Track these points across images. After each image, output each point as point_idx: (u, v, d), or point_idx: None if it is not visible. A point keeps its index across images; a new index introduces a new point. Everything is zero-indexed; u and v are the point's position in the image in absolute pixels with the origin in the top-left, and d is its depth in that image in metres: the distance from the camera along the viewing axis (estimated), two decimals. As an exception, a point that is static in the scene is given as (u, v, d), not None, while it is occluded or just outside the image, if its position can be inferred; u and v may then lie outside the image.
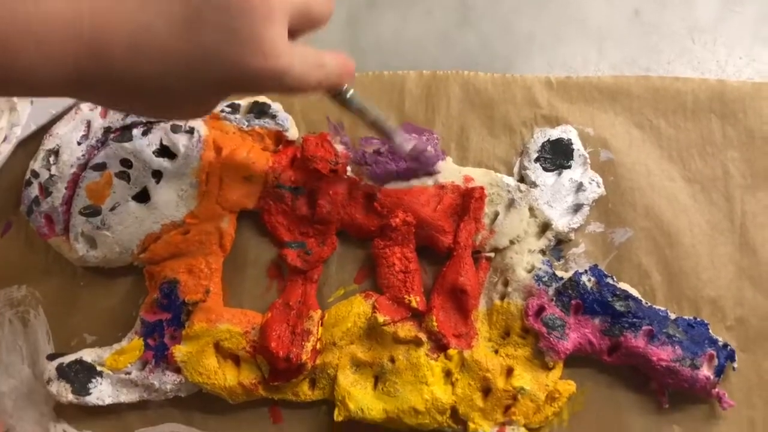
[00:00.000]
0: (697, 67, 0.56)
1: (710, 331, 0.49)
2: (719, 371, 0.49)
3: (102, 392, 0.50)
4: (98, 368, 0.50)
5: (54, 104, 0.54)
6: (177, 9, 0.34)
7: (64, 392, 0.50)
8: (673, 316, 0.49)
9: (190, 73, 0.35)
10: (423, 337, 0.50)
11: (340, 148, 0.52)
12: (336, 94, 0.44)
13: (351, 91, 0.45)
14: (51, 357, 0.51)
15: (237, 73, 0.36)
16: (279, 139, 0.53)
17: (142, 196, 0.51)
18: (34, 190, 0.52)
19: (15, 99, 0.53)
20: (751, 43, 0.56)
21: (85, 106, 0.53)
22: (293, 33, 0.38)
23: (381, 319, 0.49)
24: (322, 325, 0.50)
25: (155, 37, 0.34)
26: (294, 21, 0.37)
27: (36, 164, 0.52)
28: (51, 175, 0.52)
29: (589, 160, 0.53)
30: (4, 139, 0.53)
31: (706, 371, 0.48)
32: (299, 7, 0.37)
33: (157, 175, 0.51)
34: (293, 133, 0.53)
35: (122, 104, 0.40)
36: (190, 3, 0.34)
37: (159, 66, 0.35)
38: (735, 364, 0.49)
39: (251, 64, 0.35)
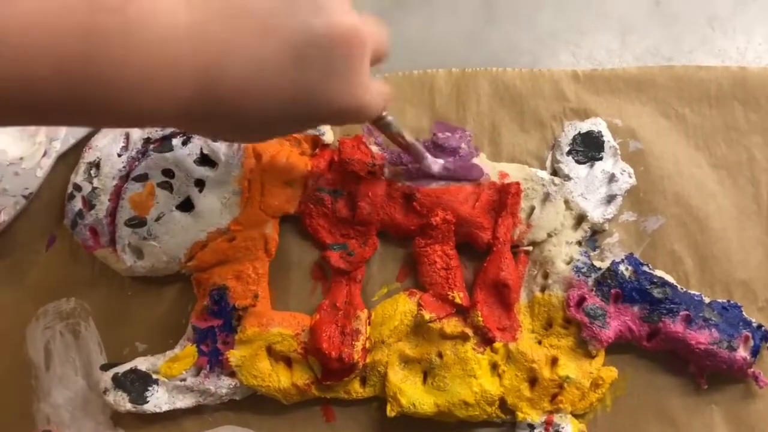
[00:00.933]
0: (717, 55, 0.57)
1: (743, 313, 0.51)
2: (755, 351, 0.50)
3: (159, 399, 0.52)
4: (153, 376, 0.52)
5: None
6: (286, 48, 0.36)
7: (122, 401, 0.51)
8: (707, 300, 0.51)
9: (293, 108, 0.37)
10: (469, 331, 0.51)
11: (375, 149, 0.54)
12: (378, 119, 0.46)
13: (389, 116, 0.47)
14: (105, 367, 0.53)
15: (333, 108, 0.38)
16: (316, 143, 0.54)
17: (186, 206, 0.52)
18: (78, 204, 0.53)
19: None
20: (770, 30, 0.58)
21: None
22: None
23: (427, 316, 0.51)
24: (369, 324, 0.52)
25: (266, 76, 0.36)
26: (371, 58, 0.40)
27: (77, 177, 0.53)
28: (93, 188, 0.53)
29: (619, 151, 0.54)
30: (44, 154, 0.54)
31: (742, 352, 0.50)
32: (376, 45, 0.40)
33: (200, 183, 0.52)
34: (329, 137, 0.54)
35: (223, 135, 0.42)
36: (298, 41, 0.36)
37: (265, 102, 0.37)
38: (769, 345, 0.51)
39: (346, 99, 0.38)
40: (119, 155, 0.53)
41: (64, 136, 0.54)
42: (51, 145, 0.54)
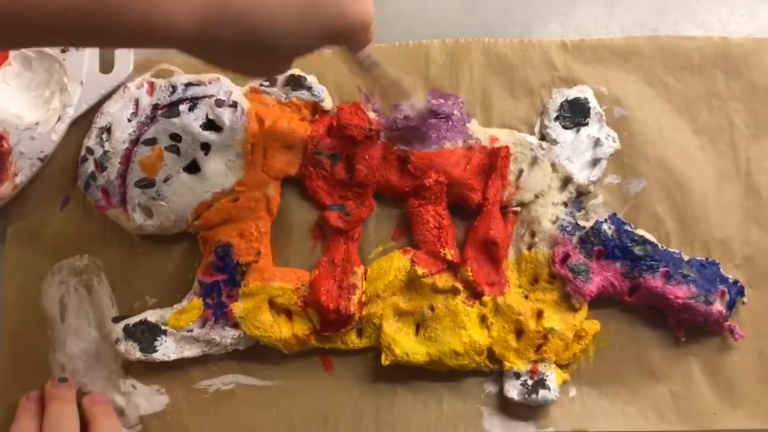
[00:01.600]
0: (701, 26, 0.60)
1: (721, 269, 0.54)
2: (730, 306, 0.53)
3: (167, 349, 0.55)
4: (162, 327, 0.55)
5: (103, 84, 0.57)
6: None
7: (133, 351, 0.54)
8: (686, 258, 0.54)
9: (301, 20, 0.40)
10: (459, 286, 0.54)
11: (372, 115, 0.56)
12: (363, 59, 0.48)
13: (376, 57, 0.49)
14: (116, 319, 0.56)
15: (339, 22, 0.41)
16: (315, 109, 0.57)
17: (193, 168, 0.55)
18: (90, 166, 0.56)
19: (65, 80, 0.57)
20: (751, 2, 0.60)
21: (132, 85, 0.56)
22: None
23: (420, 271, 0.54)
24: (365, 280, 0.55)
25: None
26: None
27: (90, 141, 0.56)
28: (105, 151, 0.56)
29: (604, 117, 0.57)
30: (58, 119, 0.57)
31: (718, 306, 0.53)
32: None
33: (205, 147, 0.55)
34: (328, 103, 0.57)
35: (237, 59, 0.42)
36: None
37: (276, 14, 0.39)
38: (744, 299, 0.54)
39: (353, 11, 0.41)
40: (129, 120, 0.56)
41: (78, 102, 0.57)
42: (65, 111, 0.57)
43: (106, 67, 0.58)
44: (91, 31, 0.37)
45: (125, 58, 0.58)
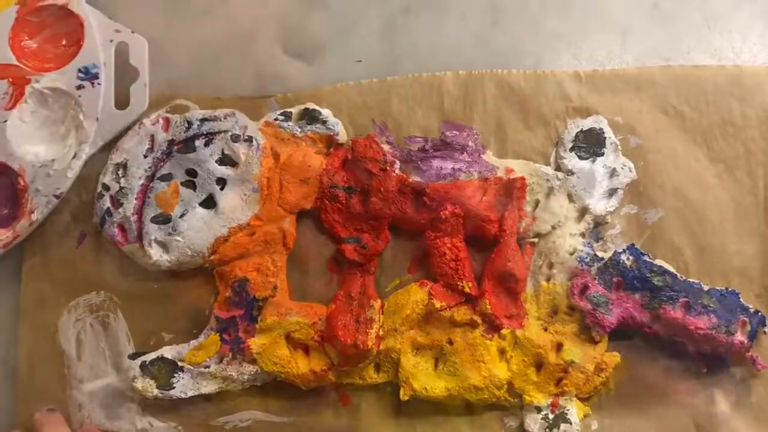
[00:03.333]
0: (714, 55, 0.60)
1: (741, 299, 0.54)
2: (752, 336, 0.53)
3: (184, 386, 0.54)
4: (179, 364, 0.54)
5: (118, 120, 0.57)
6: None
7: (150, 388, 0.54)
8: (706, 288, 0.54)
9: None
10: (478, 319, 0.54)
11: (386, 147, 0.57)
12: None
13: None
14: (133, 356, 0.55)
15: None
16: (330, 142, 0.57)
17: (209, 203, 0.55)
18: (106, 202, 0.56)
19: (81, 117, 0.57)
20: (764, 30, 0.60)
21: (148, 121, 0.57)
22: None
23: (438, 304, 0.54)
24: (382, 314, 0.55)
25: None
26: None
27: (106, 178, 0.56)
28: (121, 187, 0.56)
29: (620, 147, 0.57)
30: (74, 156, 0.57)
31: (740, 336, 0.53)
32: None
33: (221, 182, 0.55)
34: (343, 136, 0.57)
35: None
36: None
37: None
38: (766, 329, 0.53)
39: None
40: (145, 156, 0.56)
41: (93, 138, 0.57)
42: (80, 148, 0.57)
43: (122, 103, 0.58)
44: None
45: (141, 93, 0.58)
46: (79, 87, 0.57)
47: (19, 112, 0.57)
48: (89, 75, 0.57)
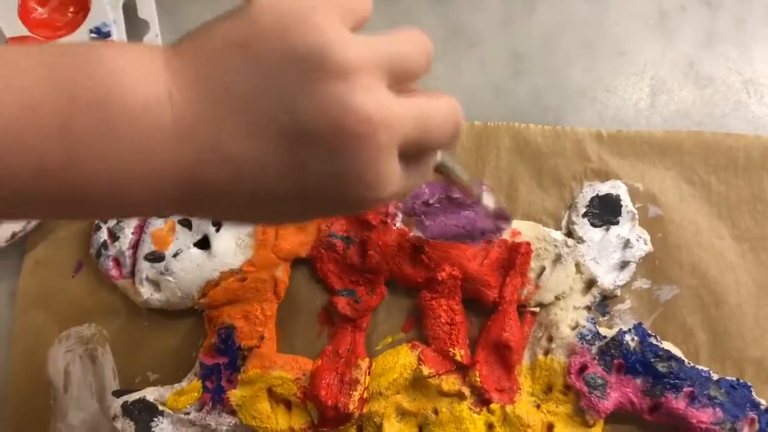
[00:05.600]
0: (750, 122, 0.56)
1: (753, 393, 0.50)
2: (760, 436, 0.49)
3: (162, 431, 0.53)
4: (160, 407, 0.53)
5: None
6: (281, 145, 0.30)
7: (129, 430, 0.53)
8: (715, 377, 0.50)
9: (294, 207, 0.33)
10: (466, 391, 0.51)
11: (390, 198, 0.54)
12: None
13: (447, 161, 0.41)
14: (117, 393, 0.55)
15: (345, 209, 0.36)
16: (332, 189, 0.55)
17: (203, 244, 0.54)
18: (103, 235, 0.55)
19: None
20: (808, 98, 0.56)
21: None
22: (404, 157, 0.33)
23: (426, 371, 0.51)
24: (369, 374, 0.52)
25: (256, 177, 0.31)
26: (407, 145, 0.32)
27: (105, 210, 0.56)
28: (118, 221, 0.55)
29: (637, 217, 0.53)
30: None
31: (745, 436, 0.49)
32: (415, 133, 0.32)
33: (217, 223, 0.54)
34: (346, 183, 0.55)
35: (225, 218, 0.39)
36: (294, 139, 0.30)
37: (261, 200, 0.32)
38: (777, 429, 0.49)
39: (357, 198, 0.32)
40: None
41: None
42: None
43: None
44: (53, 216, 0.35)
45: (154, 44, 0.58)
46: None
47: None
48: (101, 34, 0.59)
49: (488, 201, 0.50)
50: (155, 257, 0.54)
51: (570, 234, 0.54)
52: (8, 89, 0.29)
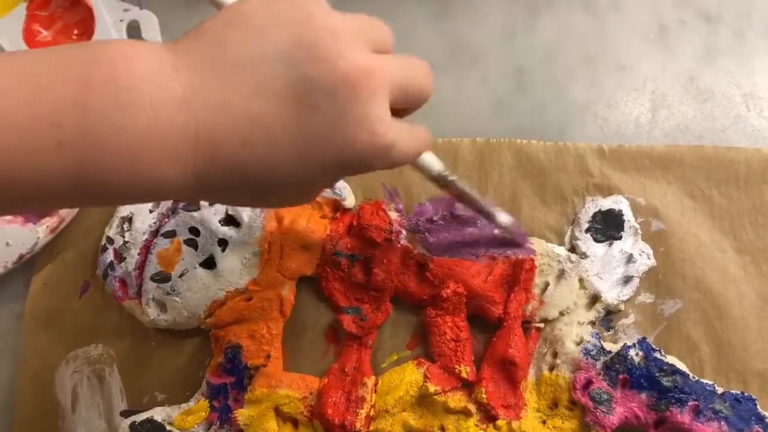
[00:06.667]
0: (751, 135, 0.56)
1: (758, 406, 0.50)
2: (765, 449, 0.49)
3: (171, 451, 0.54)
4: (168, 427, 0.54)
5: None
6: (285, 96, 0.35)
7: (137, 450, 0.53)
8: (720, 391, 0.50)
9: (298, 158, 0.36)
10: (472, 408, 0.51)
11: (394, 215, 0.55)
12: (439, 177, 0.45)
13: (453, 176, 0.46)
14: (124, 413, 0.55)
15: (345, 154, 0.36)
16: (336, 207, 0.56)
17: (209, 263, 0.54)
18: (110, 256, 0.56)
19: None
20: (808, 110, 0.56)
21: None
22: (395, 112, 0.38)
23: (432, 388, 0.51)
24: (375, 392, 0.53)
25: (264, 130, 0.35)
26: (394, 98, 0.38)
27: (111, 231, 0.56)
28: (125, 242, 0.55)
29: (640, 231, 0.54)
30: None
31: (750, 450, 0.49)
32: (399, 83, 0.38)
33: (223, 243, 0.54)
34: (350, 201, 0.56)
35: (237, 200, 0.40)
36: (296, 89, 0.35)
37: (267, 156, 0.35)
38: (782, 441, 0.50)
39: (358, 143, 0.36)
40: (151, 211, 0.56)
41: None
42: None
43: None
44: (76, 199, 0.36)
45: None
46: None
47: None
48: None
49: (505, 218, 0.51)
50: (161, 278, 0.54)
51: (573, 249, 0.54)
52: (23, 76, 0.32)
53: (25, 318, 0.58)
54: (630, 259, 0.53)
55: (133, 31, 0.60)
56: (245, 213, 0.54)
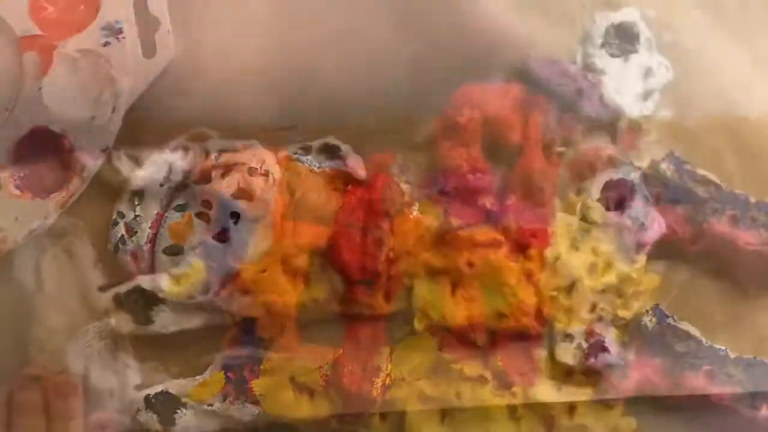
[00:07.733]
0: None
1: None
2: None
3: (186, 422, 0.53)
4: (183, 399, 0.53)
5: (149, 70, 0.54)
6: None
7: (152, 422, 0.53)
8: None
9: None
10: (488, 375, 0.51)
11: (405, 187, 0.52)
12: None
13: None
14: (138, 388, 0.54)
15: None
16: (348, 179, 0.52)
17: (222, 237, 0.51)
18: (121, 230, 0.52)
19: (112, 72, 0.53)
20: None
21: (167, 149, 0.53)
22: None
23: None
24: (391, 362, 0.53)
25: None
26: None
27: (122, 205, 0.53)
28: (136, 215, 0.53)
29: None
30: (113, 110, 0.53)
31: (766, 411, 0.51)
32: None
33: (235, 216, 0.51)
34: (362, 173, 0.52)
35: None
36: None
37: None
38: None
39: None
40: (161, 185, 0.53)
41: (128, 91, 0.53)
42: (117, 101, 0.53)
43: (149, 52, 0.54)
44: None
45: (166, 40, 0.55)
46: (106, 44, 0.54)
47: (52, 78, 0.54)
48: (113, 31, 0.54)
49: None
50: (174, 250, 0.52)
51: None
52: None
53: (36, 293, 0.55)
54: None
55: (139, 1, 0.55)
56: (257, 185, 0.50)
